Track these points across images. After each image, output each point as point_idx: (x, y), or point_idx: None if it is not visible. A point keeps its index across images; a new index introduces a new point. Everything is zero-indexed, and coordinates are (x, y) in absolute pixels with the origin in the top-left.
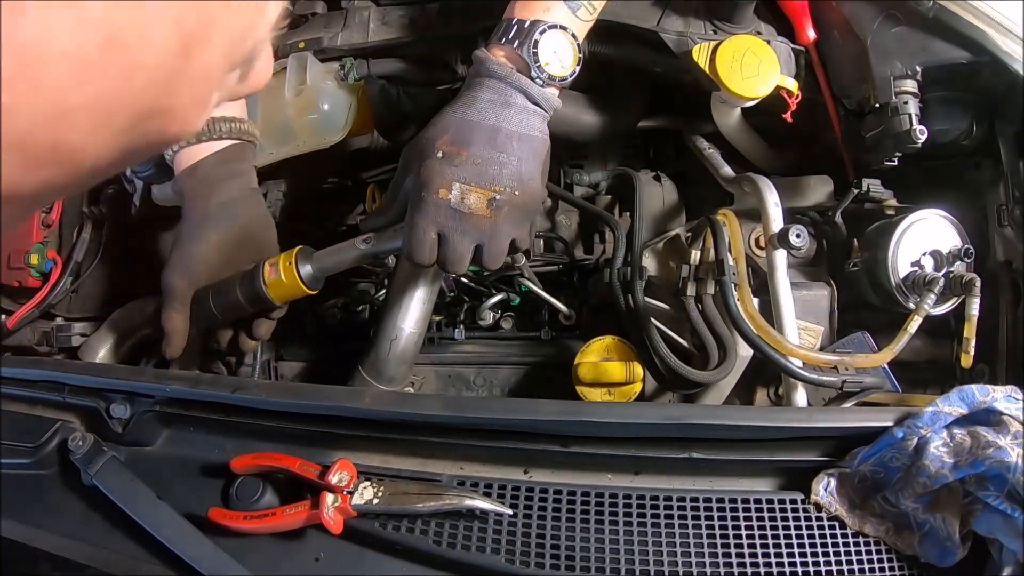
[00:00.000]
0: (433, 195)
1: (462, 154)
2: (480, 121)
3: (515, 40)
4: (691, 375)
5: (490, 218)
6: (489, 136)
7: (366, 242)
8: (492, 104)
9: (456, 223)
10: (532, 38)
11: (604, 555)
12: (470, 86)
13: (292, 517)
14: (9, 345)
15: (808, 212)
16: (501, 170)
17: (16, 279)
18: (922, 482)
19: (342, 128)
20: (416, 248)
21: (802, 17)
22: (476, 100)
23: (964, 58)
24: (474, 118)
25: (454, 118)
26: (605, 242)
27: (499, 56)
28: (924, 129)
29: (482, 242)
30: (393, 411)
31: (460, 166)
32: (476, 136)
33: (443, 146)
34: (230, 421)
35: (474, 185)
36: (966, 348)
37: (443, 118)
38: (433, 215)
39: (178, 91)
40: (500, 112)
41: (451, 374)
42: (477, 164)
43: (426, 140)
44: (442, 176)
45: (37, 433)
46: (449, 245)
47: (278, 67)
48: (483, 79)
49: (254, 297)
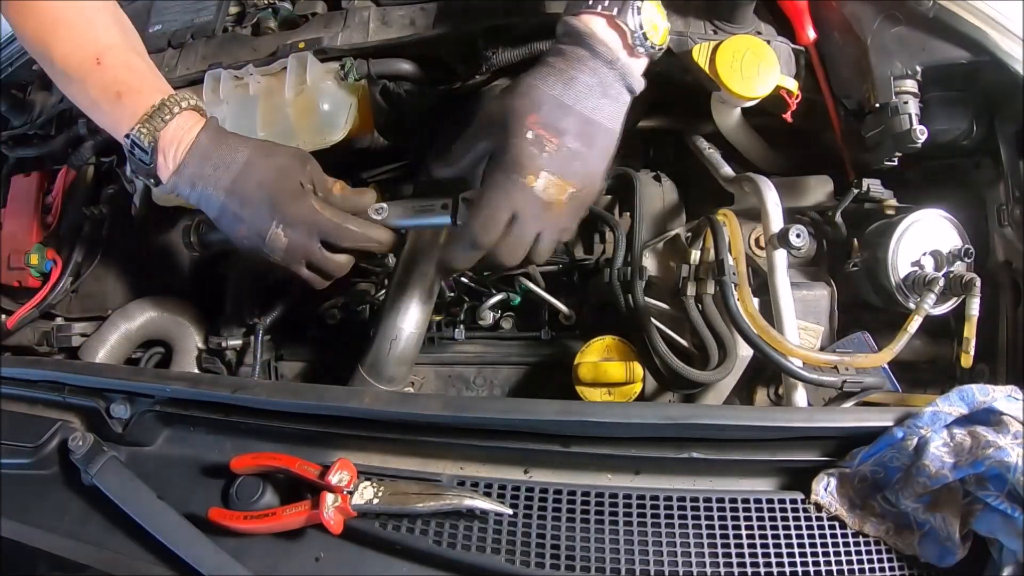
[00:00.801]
0: (520, 179)
1: (553, 141)
2: (576, 107)
3: (613, 7)
4: (691, 375)
5: (561, 210)
6: (582, 128)
7: (378, 212)
8: (591, 91)
9: (534, 211)
10: (633, 4)
11: (604, 555)
12: (565, 58)
13: (292, 517)
14: (9, 345)
15: (808, 212)
16: (583, 165)
17: (16, 279)
18: (922, 482)
19: (342, 128)
20: (487, 227)
21: (802, 17)
22: (574, 81)
23: (964, 58)
24: (570, 102)
25: (548, 95)
26: (605, 242)
27: (597, 27)
28: (924, 129)
29: (543, 232)
30: (393, 411)
31: (551, 155)
32: (569, 125)
33: (533, 126)
34: (230, 421)
35: (559, 177)
36: (966, 348)
37: (534, 90)
38: (515, 199)
39: None
40: (598, 102)
41: (451, 374)
42: (566, 157)
43: (514, 112)
44: (533, 163)
45: (37, 433)
46: (517, 231)
47: (278, 67)
48: (583, 56)
49: None
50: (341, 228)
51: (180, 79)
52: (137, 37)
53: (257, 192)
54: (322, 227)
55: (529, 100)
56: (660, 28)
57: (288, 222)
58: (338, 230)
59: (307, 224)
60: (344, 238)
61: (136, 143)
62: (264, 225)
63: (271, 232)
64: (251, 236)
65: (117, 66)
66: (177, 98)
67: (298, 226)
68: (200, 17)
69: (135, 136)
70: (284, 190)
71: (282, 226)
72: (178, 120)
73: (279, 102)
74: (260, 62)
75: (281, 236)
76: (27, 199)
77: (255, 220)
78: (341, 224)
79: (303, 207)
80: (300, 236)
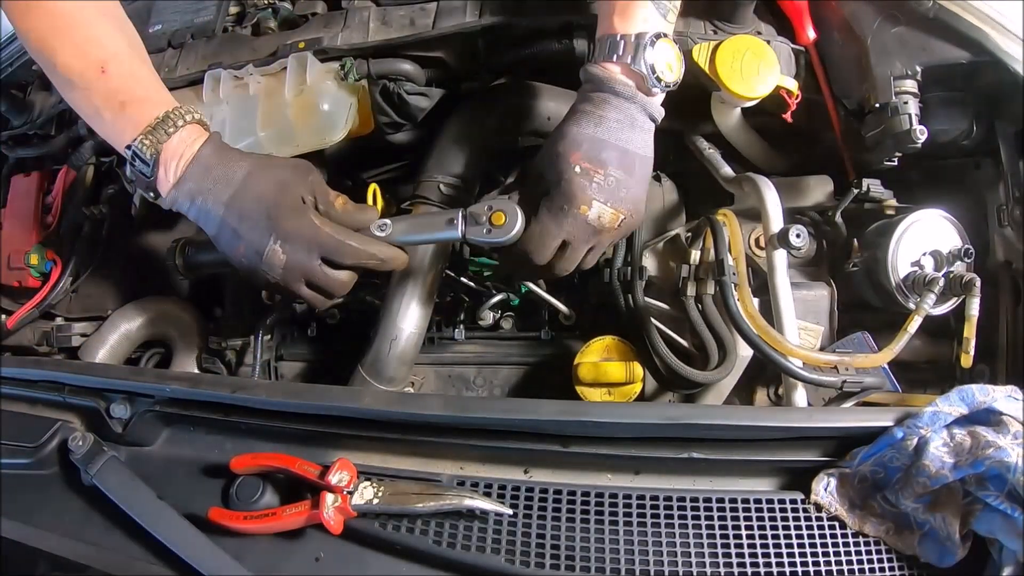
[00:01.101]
0: (575, 209)
1: (600, 172)
2: (611, 141)
3: (627, 56)
4: (691, 375)
5: (612, 235)
6: (620, 158)
7: (381, 229)
8: (620, 125)
9: (585, 236)
10: (644, 51)
11: (604, 555)
12: (593, 102)
13: (292, 517)
14: (9, 345)
15: (808, 212)
16: (628, 192)
17: (16, 279)
18: (922, 482)
19: (342, 128)
20: (540, 251)
21: (802, 17)
22: (604, 120)
23: (964, 58)
24: (604, 137)
25: (585, 135)
26: None
27: (616, 73)
28: (924, 129)
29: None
30: (393, 411)
31: (600, 186)
32: (609, 156)
33: (579, 161)
34: (230, 421)
35: (611, 206)
36: (966, 348)
37: (572, 134)
38: (568, 226)
39: None
40: (629, 135)
41: (451, 374)
42: (612, 186)
43: (558, 154)
44: (584, 193)
45: (37, 433)
46: (570, 254)
47: (278, 67)
48: (607, 97)
49: None
50: (343, 245)
51: (180, 79)
52: (141, 45)
53: (255, 207)
54: (323, 243)
55: (569, 141)
56: (672, 65)
57: (286, 238)
58: (339, 247)
59: (306, 240)
60: (345, 255)
61: (138, 155)
62: (262, 241)
63: (269, 249)
64: (249, 254)
65: (122, 75)
66: (181, 111)
67: (297, 242)
68: (200, 17)
69: (137, 147)
70: (283, 205)
71: (280, 242)
72: (181, 134)
73: (279, 102)
74: (260, 62)
75: (279, 253)
76: (27, 199)
77: (252, 236)
78: (343, 241)
79: (302, 223)
80: (299, 253)
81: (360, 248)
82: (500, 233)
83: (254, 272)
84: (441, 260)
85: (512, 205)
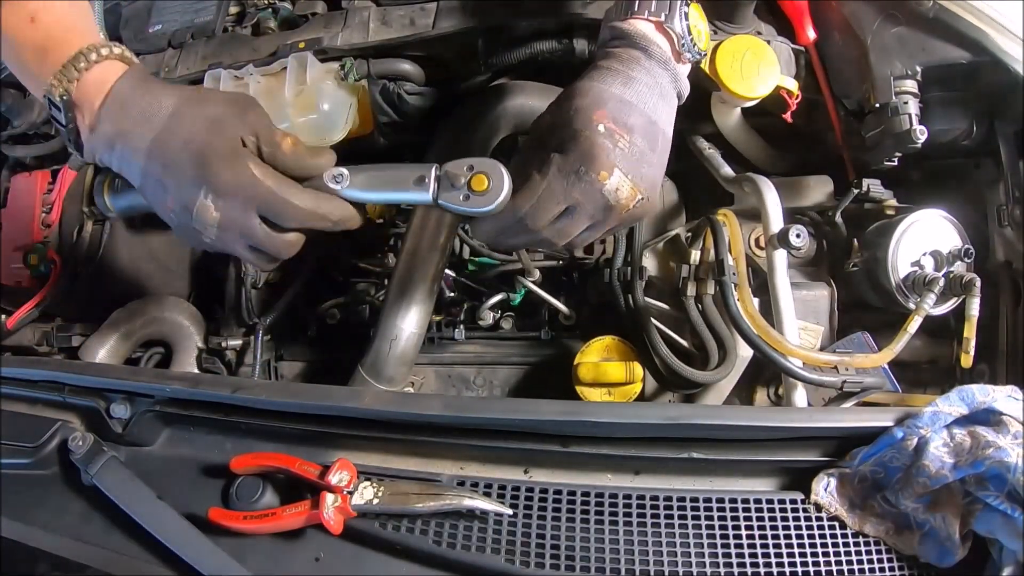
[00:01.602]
0: (592, 174)
1: (625, 138)
2: (639, 106)
3: (660, 13)
4: (691, 375)
5: (622, 216)
6: (647, 127)
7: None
8: (650, 91)
9: (594, 209)
10: (680, 10)
11: (604, 555)
12: (621, 60)
13: (292, 517)
14: (9, 345)
15: (808, 212)
16: (650, 169)
17: (16, 279)
18: (922, 482)
19: (342, 128)
20: (538, 213)
21: (802, 17)
22: (633, 81)
23: (964, 58)
24: (632, 99)
25: (610, 93)
26: (605, 242)
27: (648, 31)
28: (924, 129)
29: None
30: (393, 411)
31: (624, 153)
32: (636, 122)
33: (603, 120)
34: (230, 421)
35: (631, 179)
36: (966, 348)
37: (595, 89)
38: (578, 192)
39: None
40: (657, 104)
41: (451, 374)
42: (637, 157)
43: (578, 109)
44: (607, 157)
45: (37, 433)
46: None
47: (278, 67)
48: (638, 57)
49: None
50: (286, 204)
51: (180, 79)
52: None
53: (181, 153)
54: (262, 198)
55: (593, 98)
56: (703, 33)
57: (219, 191)
58: (282, 206)
59: (244, 195)
60: (288, 216)
61: (51, 100)
62: (190, 195)
63: (199, 204)
64: (177, 210)
65: (51, 23)
66: (96, 45)
67: (232, 197)
68: (200, 17)
69: (48, 91)
70: (216, 149)
71: (211, 196)
72: (97, 70)
73: (279, 102)
74: (260, 62)
75: (211, 209)
76: (27, 199)
77: (179, 189)
78: (286, 199)
79: (239, 172)
80: (235, 211)
81: (305, 208)
82: (480, 202)
83: (185, 230)
84: (441, 259)
85: (498, 167)
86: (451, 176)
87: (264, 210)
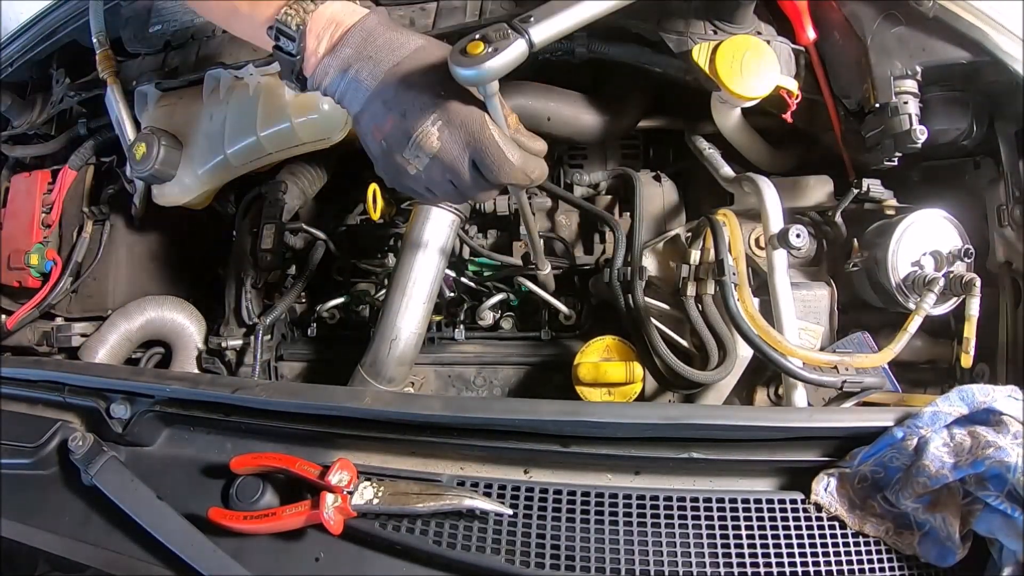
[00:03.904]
0: None
1: None
2: None
3: None
4: (691, 375)
5: None
6: None
7: None
8: None
9: None
10: None
11: (604, 555)
12: None
13: (292, 517)
14: (9, 345)
15: (808, 212)
16: None
17: (16, 279)
18: (922, 482)
19: (342, 128)
20: None
21: (802, 17)
22: None
23: (964, 58)
24: None
25: None
26: (605, 242)
27: None
28: (924, 129)
29: None
30: (393, 411)
31: None
32: None
33: None
34: (230, 421)
35: None
36: (966, 348)
37: None
38: None
39: None
40: None
41: (451, 374)
42: None
43: None
44: None
45: (37, 433)
46: None
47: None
48: None
49: None
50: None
51: (180, 79)
52: None
53: (424, 77)
54: (484, 143)
55: None
56: None
57: (450, 120)
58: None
59: (468, 131)
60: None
61: (282, 29)
62: (420, 118)
63: (424, 128)
64: (395, 133)
65: None
66: None
67: (458, 129)
68: (200, 17)
69: (280, 19)
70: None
71: (439, 123)
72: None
73: (279, 102)
74: (260, 62)
75: (434, 137)
76: (27, 199)
77: (412, 108)
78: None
79: (472, 111)
80: (456, 145)
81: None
82: None
83: (389, 160)
84: (441, 259)
85: None
86: None
87: (481, 156)
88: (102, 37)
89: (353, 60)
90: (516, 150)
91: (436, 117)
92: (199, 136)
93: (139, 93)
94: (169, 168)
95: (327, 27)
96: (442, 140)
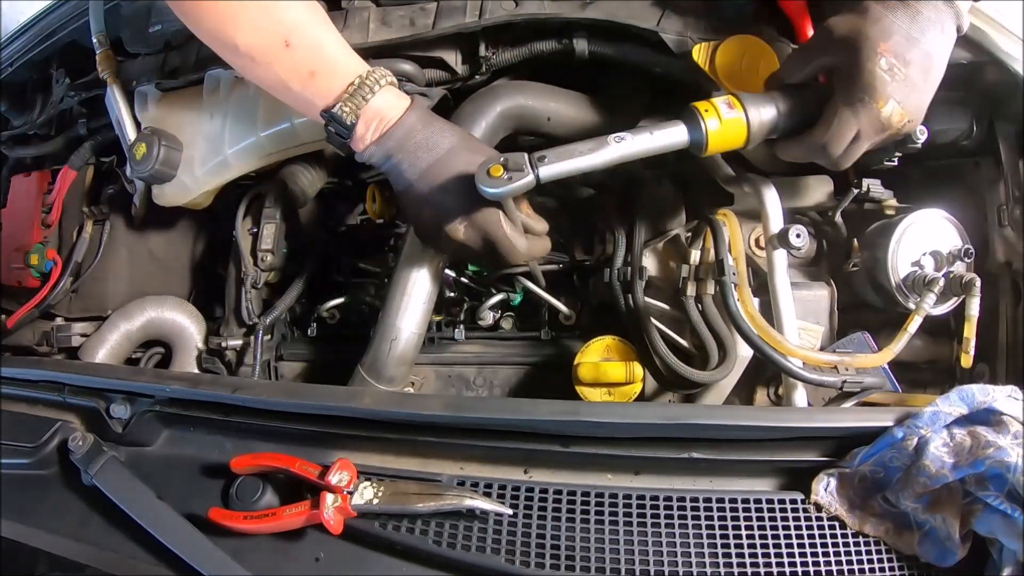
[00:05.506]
0: (872, 103)
1: (902, 71)
2: (920, 40)
3: None
4: (691, 375)
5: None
6: (923, 61)
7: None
8: (932, 26)
9: (872, 132)
10: None
11: (604, 555)
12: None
13: (292, 517)
14: (9, 345)
15: (808, 212)
16: (918, 98)
17: (16, 279)
18: (922, 482)
19: None
20: (835, 142)
21: (802, 17)
22: (919, 16)
23: (964, 58)
24: (916, 35)
25: (898, 26)
26: (605, 242)
27: None
28: (924, 129)
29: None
30: (393, 411)
31: (899, 84)
32: (915, 57)
33: (886, 53)
34: (230, 421)
35: (902, 107)
36: (966, 348)
37: (885, 19)
38: (862, 119)
39: None
40: (936, 38)
41: (451, 374)
42: (909, 87)
43: (866, 37)
44: (885, 89)
45: (37, 433)
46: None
47: None
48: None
49: None
50: (513, 251)
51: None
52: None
53: (454, 182)
54: (498, 241)
55: (881, 28)
56: None
57: (472, 224)
58: (510, 251)
59: (487, 232)
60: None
61: (337, 119)
62: (449, 216)
63: (453, 225)
64: (430, 222)
65: (307, 46)
66: (376, 76)
67: (479, 229)
68: None
69: (337, 113)
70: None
71: (465, 223)
72: (380, 96)
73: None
74: None
75: (460, 232)
76: (27, 199)
77: (443, 208)
78: (514, 248)
79: (491, 214)
80: (476, 237)
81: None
82: None
83: (427, 233)
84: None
85: None
86: None
87: (493, 247)
88: (102, 37)
89: (395, 151)
90: (522, 240)
91: (463, 218)
92: (199, 136)
93: (139, 93)
94: (169, 168)
95: (374, 117)
96: (466, 235)
